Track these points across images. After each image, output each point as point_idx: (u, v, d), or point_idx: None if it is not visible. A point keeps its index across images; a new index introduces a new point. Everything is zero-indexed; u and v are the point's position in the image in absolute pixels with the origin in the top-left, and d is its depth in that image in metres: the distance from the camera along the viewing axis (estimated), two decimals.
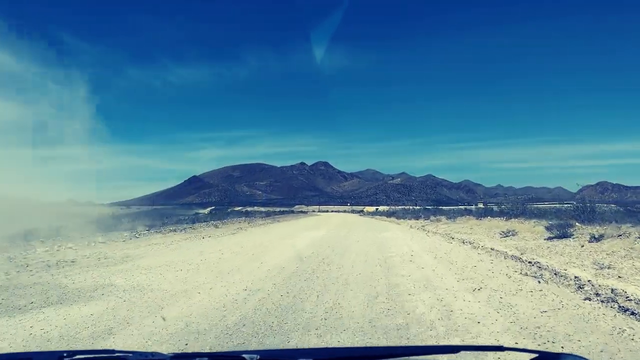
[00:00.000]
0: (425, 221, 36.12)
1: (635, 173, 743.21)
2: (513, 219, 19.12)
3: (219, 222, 38.79)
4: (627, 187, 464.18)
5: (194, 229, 30.30)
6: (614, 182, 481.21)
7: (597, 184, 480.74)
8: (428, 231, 25.56)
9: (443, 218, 31.51)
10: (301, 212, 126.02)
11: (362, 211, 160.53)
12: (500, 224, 18.92)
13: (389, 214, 67.06)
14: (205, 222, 36.89)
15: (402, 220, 47.25)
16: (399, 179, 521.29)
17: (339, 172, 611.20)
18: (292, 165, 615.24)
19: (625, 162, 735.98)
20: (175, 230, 27.85)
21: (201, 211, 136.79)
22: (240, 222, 41.61)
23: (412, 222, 39.03)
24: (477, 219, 23.96)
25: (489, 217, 22.49)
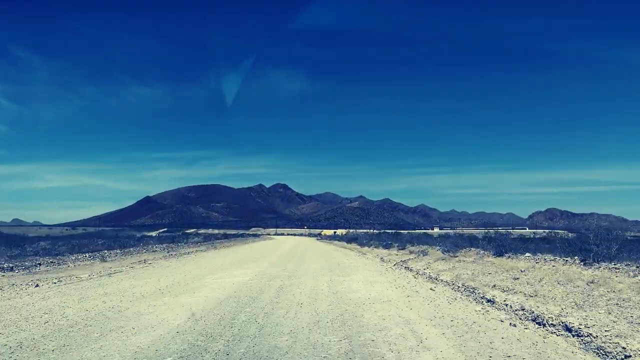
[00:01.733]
0: (401, 252, 26.59)
1: (582, 201, 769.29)
2: (602, 266, 9.74)
3: (120, 251, 27.95)
4: (574, 214, 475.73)
5: (58, 263, 19.53)
6: (562, 209, 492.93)
7: (546, 210, 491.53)
8: (418, 273, 15.97)
9: (432, 250, 21.98)
10: (254, 235, 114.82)
11: (319, 234, 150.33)
12: (576, 271, 9.60)
13: (349, 239, 57.44)
14: (98, 252, 25.98)
15: (367, 248, 37.62)
16: (357, 203, 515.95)
17: (298, 194, 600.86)
18: (250, 187, 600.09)
19: (573, 190, 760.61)
20: (15, 269, 17.05)
21: (150, 233, 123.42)
22: (154, 252, 30.85)
23: (383, 252, 29.43)
24: (498, 256, 14.58)
25: (527, 255, 13.29)
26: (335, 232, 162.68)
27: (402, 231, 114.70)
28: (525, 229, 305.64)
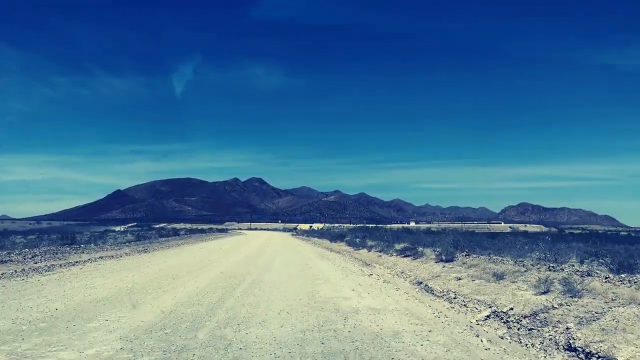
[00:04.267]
0: (459, 270, 13.53)
1: (554, 195, 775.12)
2: None
3: None
4: (545, 208, 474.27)
5: None
6: (534, 204, 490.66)
7: (519, 204, 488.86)
8: None
9: (591, 281, 9.00)
10: (222, 230, 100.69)
11: (295, 229, 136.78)
12: None
13: (333, 237, 44.06)
14: None
15: (365, 252, 24.41)
16: (333, 197, 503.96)
17: (273, 188, 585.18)
18: (224, 181, 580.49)
19: (545, 185, 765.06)
20: None
21: (116, 228, 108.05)
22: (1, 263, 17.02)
23: (409, 265, 16.34)
24: None
25: None
26: (311, 227, 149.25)
27: (383, 225, 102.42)
28: (501, 223, 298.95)
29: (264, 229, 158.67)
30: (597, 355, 5.32)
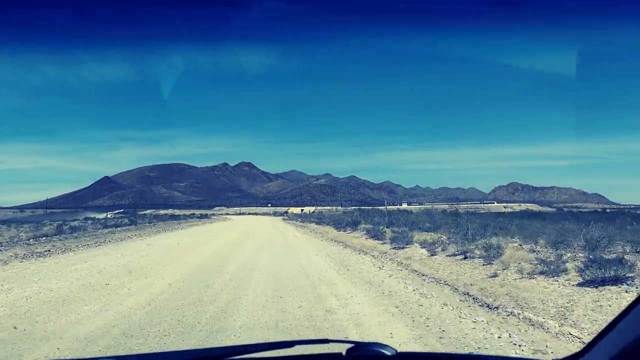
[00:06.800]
0: None
1: (543, 175, 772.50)
2: None
3: None
4: (535, 187, 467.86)
5: None
6: (524, 183, 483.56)
7: (509, 184, 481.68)
8: None
9: None
10: (205, 216, 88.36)
11: (286, 213, 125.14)
12: None
13: (339, 223, 32.11)
14: None
15: (421, 253, 12.46)
16: (323, 180, 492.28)
17: (263, 172, 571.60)
18: (214, 166, 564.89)
19: (534, 164, 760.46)
20: None
21: (97, 215, 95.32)
22: None
23: None
24: None
25: None
26: (302, 210, 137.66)
27: (380, 207, 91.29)
28: (493, 203, 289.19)
29: (253, 214, 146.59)
30: None
